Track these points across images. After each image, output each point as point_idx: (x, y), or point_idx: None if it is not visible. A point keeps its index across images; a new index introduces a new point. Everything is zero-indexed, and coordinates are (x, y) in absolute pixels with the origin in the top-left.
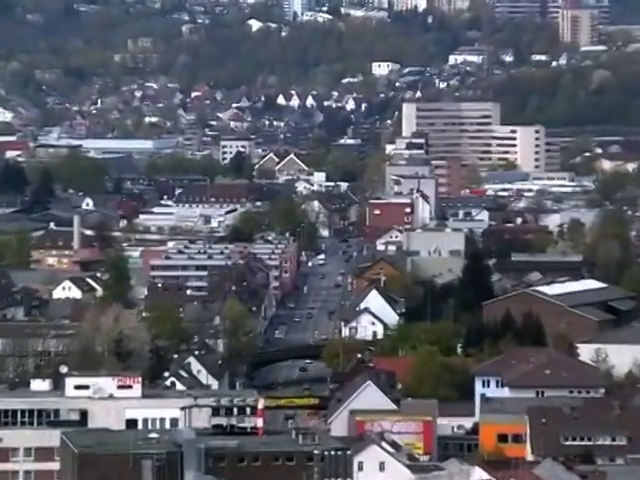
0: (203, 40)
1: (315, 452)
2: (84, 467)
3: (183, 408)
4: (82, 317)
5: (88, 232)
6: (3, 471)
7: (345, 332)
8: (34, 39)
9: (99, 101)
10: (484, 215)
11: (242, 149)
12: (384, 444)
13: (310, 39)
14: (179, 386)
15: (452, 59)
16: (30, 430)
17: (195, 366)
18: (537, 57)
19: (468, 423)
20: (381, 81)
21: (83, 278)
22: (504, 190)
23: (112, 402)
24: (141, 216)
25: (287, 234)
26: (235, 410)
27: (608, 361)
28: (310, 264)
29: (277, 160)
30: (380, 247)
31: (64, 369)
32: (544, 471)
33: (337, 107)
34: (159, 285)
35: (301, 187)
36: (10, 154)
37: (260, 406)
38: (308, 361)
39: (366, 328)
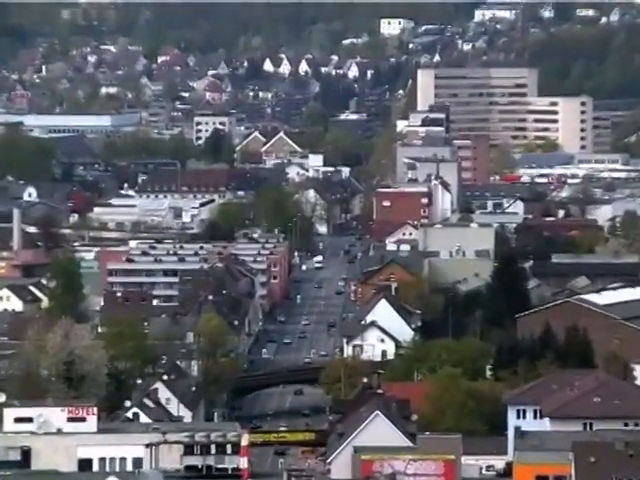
0: None
1: None
2: None
3: (149, 445)
4: (24, 334)
5: (31, 229)
6: None
7: (348, 351)
8: None
9: (44, 68)
10: (518, 207)
11: (220, 127)
12: None
13: None
14: (143, 418)
15: (478, 15)
16: None
17: (163, 393)
18: (583, 12)
19: (500, 463)
20: (391, 42)
21: (25, 286)
22: (543, 176)
23: (61, 438)
24: (96, 209)
25: (276, 231)
26: (213, 448)
27: None
28: (304, 268)
29: (264, 140)
30: (390, 247)
31: (2, 398)
32: None
33: (337, 75)
34: (118, 294)
35: (293, 173)
36: None
37: (244, 442)
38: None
39: (374, 346)
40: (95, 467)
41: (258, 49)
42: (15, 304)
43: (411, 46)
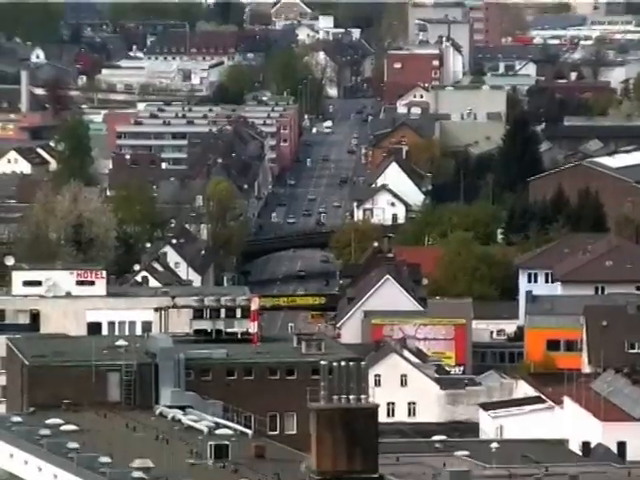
0: None
1: (322, 363)
2: (36, 382)
3: (158, 309)
4: (32, 197)
5: (39, 91)
6: None
7: (358, 215)
8: None
9: None
10: (530, 69)
11: None
12: (406, 353)
13: None
14: (153, 282)
15: None
16: None
17: (172, 257)
18: None
19: (510, 327)
20: None
21: (33, 148)
22: (555, 38)
23: (70, 302)
24: (104, 71)
25: (286, 93)
26: (222, 312)
27: None
28: (314, 131)
29: (273, 1)
30: (401, 109)
31: (10, 261)
32: (604, 385)
33: None
34: (127, 157)
35: (303, 35)
36: None
37: (254, 307)
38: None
39: (384, 210)
40: (104, 331)
41: None
42: (23, 167)
43: None
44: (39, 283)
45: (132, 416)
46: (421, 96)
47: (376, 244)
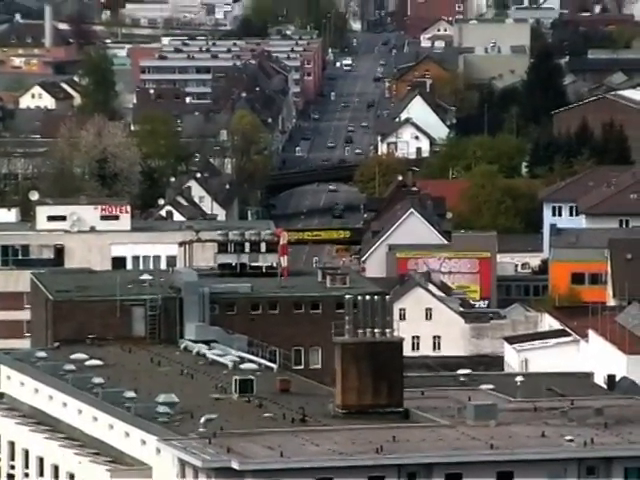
0: None
1: (346, 297)
2: (60, 316)
3: (182, 243)
4: (56, 131)
5: (63, 26)
6: None
7: (382, 149)
8: None
9: None
10: (554, 1)
11: None
12: (431, 287)
13: None
14: (177, 216)
15: None
16: None
17: (197, 191)
18: None
19: (535, 260)
20: None
21: (57, 83)
22: None
23: (94, 236)
24: (128, 5)
25: (310, 27)
26: (247, 246)
27: None
28: (338, 64)
29: None
30: (425, 43)
31: (34, 196)
32: (629, 318)
33: None
34: (151, 92)
35: None
36: None
37: (283, 241)
38: (332, 187)
39: (408, 144)
40: (129, 265)
41: None
42: (47, 101)
43: None
44: (63, 218)
45: (157, 351)
46: (445, 30)
47: (400, 178)
